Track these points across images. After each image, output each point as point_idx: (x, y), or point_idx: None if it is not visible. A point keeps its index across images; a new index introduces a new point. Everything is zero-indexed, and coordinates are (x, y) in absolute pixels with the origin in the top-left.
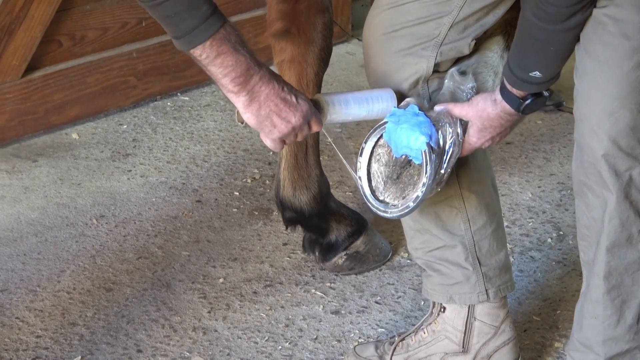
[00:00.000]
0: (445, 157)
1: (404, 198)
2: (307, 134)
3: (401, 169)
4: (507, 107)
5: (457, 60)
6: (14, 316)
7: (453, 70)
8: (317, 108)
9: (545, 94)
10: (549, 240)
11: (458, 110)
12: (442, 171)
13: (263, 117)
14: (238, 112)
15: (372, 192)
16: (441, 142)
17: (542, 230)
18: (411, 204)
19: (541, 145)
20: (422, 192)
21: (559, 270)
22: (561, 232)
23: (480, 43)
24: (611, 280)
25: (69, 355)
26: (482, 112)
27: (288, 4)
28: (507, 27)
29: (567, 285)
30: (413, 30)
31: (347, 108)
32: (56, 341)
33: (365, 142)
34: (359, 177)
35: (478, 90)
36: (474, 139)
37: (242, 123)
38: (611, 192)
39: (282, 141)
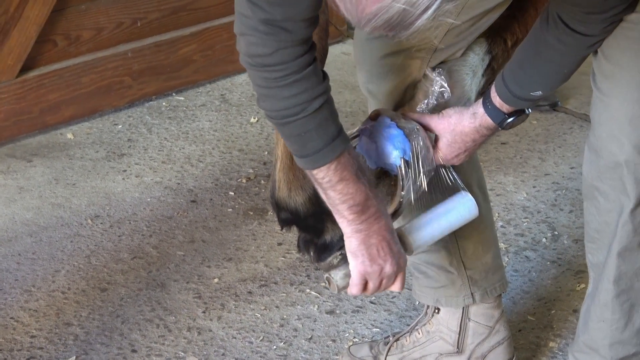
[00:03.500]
0: (420, 167)
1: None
2: (384, 288)
3: (378, 180)
4: (489, 121)
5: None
6: (9, 316)
7: (428, 69)
8: (401, 242)
9: (528, 111)
10: (544, 240)
11: (427, 121)
12: (419, 182)
13: (366, 246)
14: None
15: None
16: (414, 152)
17: (536, 230)
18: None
19: (536, 145)
20: (400, 205)
21: (554, 270)
22: (556, 232)
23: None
24: (621, 285)
25: (63, 355)
26: (455, 126)
27: None
28: (490, 31)
29: (562, 285)
30: None
31: (431, 232)
32: (51, 341)
33: None
34: None
35: (453, 88)
36: (440, 154)
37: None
38: (628, 198)
39: (364, 282)
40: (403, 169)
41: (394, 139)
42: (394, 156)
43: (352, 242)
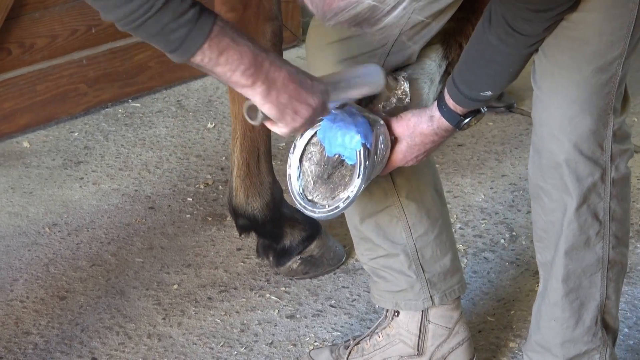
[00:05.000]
0: (377, 159)
1: (333, 198)
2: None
3: (333, 169)
4: (446, 123)
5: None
6: None
7: (389, 75)
8: None
9: (484, 110)
10: (502, 241)
11: (386, 122)
12: (373, 174)
13: (284, 105)
14: (249, 107)
15: (301, 190)
16: (375, 142)
17: (495, 231)
18: (341, 204)
19: (493, 147)
20: (353, 192)
21: (513, 271)
22: (514, 233)
23: (419, 51)
24: (569, 283)
25: None
26: (414, 129)
27: (236, 12)
28: (445, 36)
29: (521, 286)
30: (360, 39)
31: (343, 91)
32: (10, 350)
33: (298, 139)
34: (288, 175)
35: (412, 96)
36: (400, 156)
37: (254, 120)
38: (571, 197)
39: (304, 127)
40: (363, 155)
41: (358, 125)
42: (356, 141)
43: (270, 109)
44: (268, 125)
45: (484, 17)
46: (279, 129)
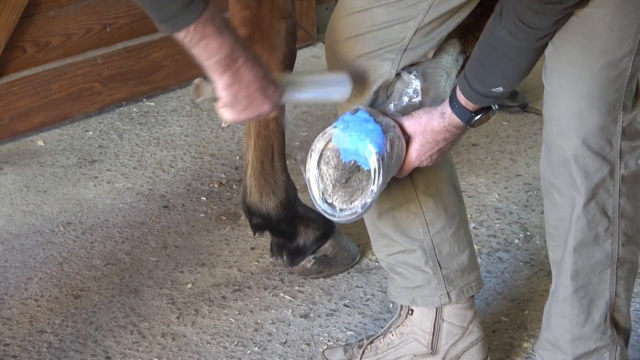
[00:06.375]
0: (393, 162)
1: (352, 202)
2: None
3: (350, 173)
4: (457, 120)
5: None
6: None
7: (402, 71)
8: None
9: (495, 107)
10: (516, 241)
11: (399, 123)
12: (389, 176)
13: (239, 99)
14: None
15: (321, 194)
16: (389, 149)
17: (509, 231)
18: (359, 210)
19: (507, 147)
20: (370, 199)
21: (527, 271)
22: (528, 233)
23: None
24: (578, 280)
25: None
26: (425, 126)
27: (250, 10)
28: (462, 31)
29: (535, 286)
30: (378, 34)
31: (304, 92)
32: (24, 349)
33: (315, 145)
34: (308, 179)
35: (428, 90)
36: (414, 155)
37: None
38: (580, 193)
39: (246, 121)
40: (377, 163)
41: (370, 134)
42: (369, 150)
43: (226, 96)
44: (217, 104)
45: (495, 11)
46: (224, 112)
